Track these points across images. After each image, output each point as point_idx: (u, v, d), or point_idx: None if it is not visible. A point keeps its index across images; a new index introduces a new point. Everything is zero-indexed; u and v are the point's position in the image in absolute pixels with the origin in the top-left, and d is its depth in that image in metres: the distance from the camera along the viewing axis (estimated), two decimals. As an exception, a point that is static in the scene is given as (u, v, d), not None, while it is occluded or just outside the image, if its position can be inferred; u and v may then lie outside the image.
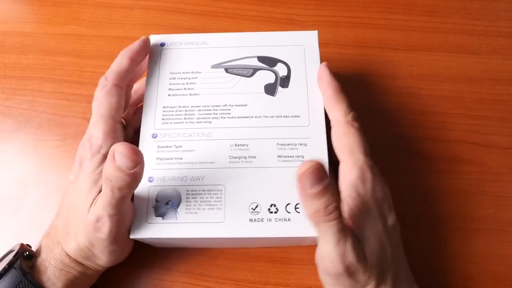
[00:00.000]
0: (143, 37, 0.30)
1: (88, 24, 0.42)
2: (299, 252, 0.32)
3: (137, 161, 0.22)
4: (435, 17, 0.42)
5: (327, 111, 0.28)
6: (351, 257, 0.23)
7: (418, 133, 0.36)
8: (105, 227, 0.24)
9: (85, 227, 0.25)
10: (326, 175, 0.21)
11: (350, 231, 0.23)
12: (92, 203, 0.25)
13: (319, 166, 0.21)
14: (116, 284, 0.31)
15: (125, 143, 0.22)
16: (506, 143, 0.35)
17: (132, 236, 0.26)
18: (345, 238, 0.22)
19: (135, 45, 0.30)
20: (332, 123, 0.27)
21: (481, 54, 0.40)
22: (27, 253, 0.26)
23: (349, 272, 0.23)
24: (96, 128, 0.26)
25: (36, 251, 0.27)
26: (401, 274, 0.25)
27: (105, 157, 0.26)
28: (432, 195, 0.34)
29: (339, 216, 0.22)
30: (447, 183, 0.34)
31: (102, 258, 0.26)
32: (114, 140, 0.26)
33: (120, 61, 0.29)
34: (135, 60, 0.29)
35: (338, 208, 0.22)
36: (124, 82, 0.28)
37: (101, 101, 0.27)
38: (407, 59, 0.39)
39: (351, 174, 0.25)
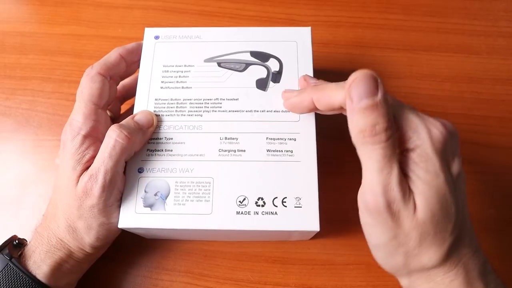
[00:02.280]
0: (139, 42, 0.31)
1: (88, 24, 0.42)
2: (299, 252, 0.32)
3: (152, 123, 0.28)
4: (435, 17, 0.42)
5: (335, 106, 0.23)
6: (395, 190, 0.20)
7: (418, 133, 0.36)
8: (97, 186, 0.25)
9: (74, 200, 0.25)
10: (377, 90, 0.19)
11: (399, 166, 0.20)
12: (78, 178, 0.26)
13: (371, 77, 0.19)
14: (115, 283, 0.31)
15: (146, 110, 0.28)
16: (506, 143, 0.35)
17: (120, 226, 0.26)
18: (391, 167, 0.20)
19: (129, 45, 0.31)
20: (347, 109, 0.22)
21: (481, 54, 0.40)
22: (17, 241, 0.27)
23: (391, 209, 0.20)
24: (77, 112, 0.27)
25: (29, 241, 0.28)
26: (465, 238, 0.22)
27: (85, 138, 0.26)
28: (432, 195, 0.34)
29: (388, 140, 0.19)
30: (447, 183, 0.34)
31: (90, 234, 0.26)
32: (95, 123, 0.27)
33: (110, 54, 0.30)
34: (124, 58, 0.30)
35: (388, 131, 0.19)
36: (109, 72, 0.29)
37: (83, 87, 0.28)
38: (407, 59, 0.39)
39: (399, 129, 0.21)
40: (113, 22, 0.42)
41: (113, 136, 0.25)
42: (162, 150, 0.28)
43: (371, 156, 0.20)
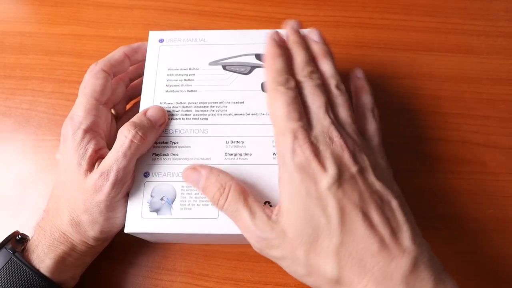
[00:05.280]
0: (144, 42, 0.32)
1: (88, 24, 0.42)
2: (299, 252, 0.32)
3: (164, 119, 0.28)
4: (435, 17, 0.42)
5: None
6: (248, 221, 0.23)
7: (418, 133, 0.36)
8: (108, 183, 0.25)
9: (81, 193, 0.25)
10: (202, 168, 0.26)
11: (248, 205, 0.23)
12: (85, 173, 0.26)
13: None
14: (115, 283, 0.31)
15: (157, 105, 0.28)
16: (506, 143, 0.35)
17: (126, 230, 0.26)
18: (239, 209, 0.23)
19: (134, 44, 0.31)
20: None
21: (481, 54, 0.40)
22: (19, 236, 0.27)
23: (263, 242, 0.23)
24: (78, 107, 0.27)
25: (31, 236, 0.28)
26: (352, 246, 0.20)
27: (85, 132, 0.27)
28: (432, 195, 0.34)
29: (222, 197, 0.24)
30: (447, 183, 0.34)
31: (94, 228, 0.26)
32: (95, 118, 0.27)
33: (114, 52, 0.30)
34: (128, 56, 0.31)
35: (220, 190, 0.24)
36: (112, 70, 0.29)
37: (86, 83, 0.28)
38: (407, 59, 0.39)
39: (274, 139, 0.25)
40: (113, 22, 0.42)
41: (128, 137, 0.25)
42: (168, 154, 0.28)
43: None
